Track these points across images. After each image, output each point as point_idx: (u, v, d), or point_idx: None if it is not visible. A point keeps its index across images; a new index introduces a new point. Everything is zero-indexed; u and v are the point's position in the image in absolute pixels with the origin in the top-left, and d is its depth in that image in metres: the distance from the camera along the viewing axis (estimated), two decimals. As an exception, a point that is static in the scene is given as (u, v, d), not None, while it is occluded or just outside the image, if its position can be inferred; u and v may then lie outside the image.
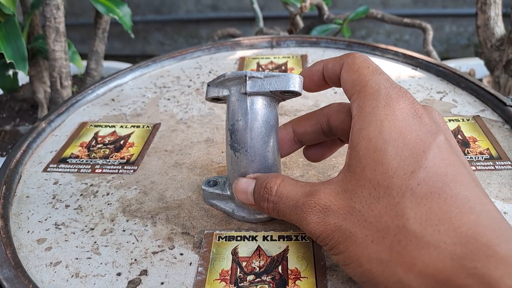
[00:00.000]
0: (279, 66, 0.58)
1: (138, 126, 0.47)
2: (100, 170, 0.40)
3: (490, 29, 0.86)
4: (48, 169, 0.41)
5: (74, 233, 0.33)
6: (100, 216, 0.35)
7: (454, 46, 1.74)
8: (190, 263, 0.30)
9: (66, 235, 0.33)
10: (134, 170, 0.40)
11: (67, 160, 0.42)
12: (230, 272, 0.29)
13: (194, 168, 0.40)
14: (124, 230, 0.33)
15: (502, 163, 0.38)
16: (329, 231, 0.25)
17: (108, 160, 0.42)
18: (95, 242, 0.32)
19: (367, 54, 0.60)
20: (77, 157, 0.42)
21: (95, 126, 0.47)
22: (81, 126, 0.48)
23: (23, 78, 1.12)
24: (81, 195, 0.37)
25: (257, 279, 0.28)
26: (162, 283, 0.29)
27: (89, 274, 0.30)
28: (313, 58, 0.60)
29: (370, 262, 0.23)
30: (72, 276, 0.30)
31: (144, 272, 0.30)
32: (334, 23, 1.04)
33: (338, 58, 0.29)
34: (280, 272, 0.29)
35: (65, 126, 0.48)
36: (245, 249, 0.31)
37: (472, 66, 1.24)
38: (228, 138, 0.31)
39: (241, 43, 0.64)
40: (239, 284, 0.28)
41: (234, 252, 0.31)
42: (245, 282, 0.28)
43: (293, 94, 0.30)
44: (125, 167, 0.40)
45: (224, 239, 0.32)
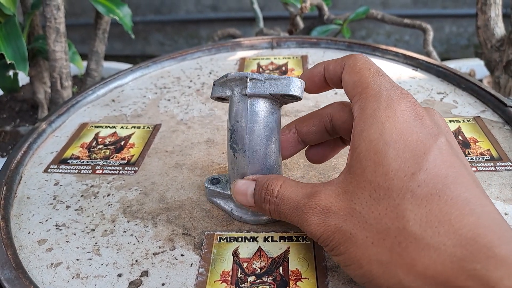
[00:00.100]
0: (280, 67, 0.58)
1: (139, 127, 0.47)
2: (101, 171, 0.40)
3: (490, 30, 0.86)
4: (49, 170, 0.41)
5: (75, 234, 0.33)
6: (101, 217, 0.35)
7: (454, 47, 1.74)
8: (191, 264, 0.30)
9: (67, 236, 0.33)
10: (135, 171, 0.40)
11: (68, 161, 0.42)
12: (231, 273, 0.29)
13: (195, 169, 0.40)
14: (125, 231, 0.33)
15: (503, 164, 0.38)
16: (330, 232, 0.25)
17: (109, 161, 0.42)
18: (96, 243, 0.32)
19: (368, 55, 0.60)
20: (78, 158, 0.42)
21: (96, 127, 0.47)
22: (82, 127, 0.48)
23: (24, 79, 1.12)
24: (82, 196, 0.37)
25: (258, 280, 0.28)
26: (163, 284, 0.29)
27: (90, 275, 0.30)
28: (314, 59, 0.60)
29: (371, 264, 0.23)
30: (73, 277, 0.30)
31: (145, 273, 0.30)
32: (334, 24, 1.04)
33: (340, 60, 0.29)
34: (281, 273, 0.29)
35: (66, 127, 0.48)
36: (246, 250, 0.31)
37: (472, 67, 1.24)
38: (228, 138, 0.31)
39: (242, 44, 0.64)
40: (240, 285, 0.28)
41: (235, 253, 0.31)
42: (246, 283, 0.28)
43: (294, 98, 0.29)
44: (126, 168, 0.40)
45: (225, 240, 0.32)
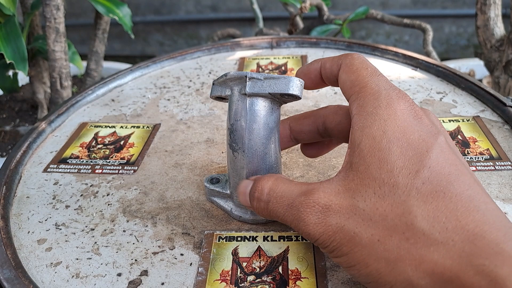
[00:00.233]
0: (279, 67, 0.58)
1: (138, 127, 0.47)
2: (100, 171, 0.40)
3: (490, 30, 0.86)
4: (48, 170, 0.41)
5: (75, 234, 0.33)
6: (101, 217, 0.35)
7: (454, 47, 1.74)
8: (191, 264, 0.30)
9: (67, 236, 0.33)
10: (134, 171, 0.40)
11: (67, 161, 0.42)
12: (231, 273, 0.29)
13: (194, 169, 0.40)
14: (125, 231, 0.33)
15: (502, 164, 0.38)
16: (331, 232, 0.24)
17: (108, 161, 0.42)
18: (96, 243, 0.32)
19: (367, 55, 0.60)
20: (77, 158, 0.42)
21: (95, 127, 0.47)
22: (81, 127, 0.48)
23: (23, 79, 1.12)
24: (81, 196, 0.37)
25: (258, 280, 0.28)
26: (163, 284, 0.29)
27: (90, 275, 0.30)
28: (313, 59, 0.59)
29: (378, 262, 0.23)
30: (73, 277, 0.30)
31: (145, 273, 0.30)
32: (334, 24, 1.04)
33: (336, 58, 0.29)
34: (281, 273, 0.29)
35: (65, 127, 0.48)
36: (246, 250, 0.31)
37: (472, 67, 1.24)
38: (228, 138, 0.31)
39: (241, 44, 0.64)
40: (240, 285, 0.28)
41: (235, 253, 0.31)
42: (246, 283, 0.28)
43: (293, 98, 0.29)
44: (125, 168, 0.40)
45: (225, 240, 0.32)
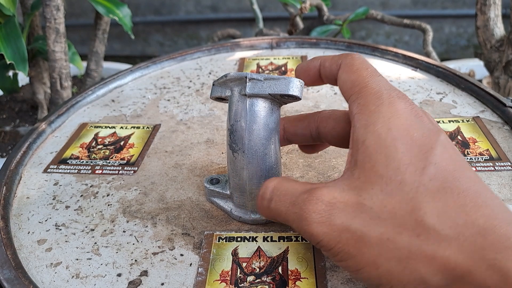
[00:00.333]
0: (279, 67, 0.58)
1: (138, 127, 0.47)
2: (100, 171, 0.40)
3: (490, 30, 0.86)
4: (48, 170, 0.41)
5: (75, 234, 0.33)
6: (100, 217, 0.35)
7: (454, 47, 1.74)
8: (191, 264, 0.30)
9: (67, 236, 0.33)
10: (134, 171, 0.40)
11: (67, 161, 0.42)
12: (230, 273, 0.29)
13: (194, 169, 0.40)
14: (124, 231, 0.33)
15: (502, 164, 0.38)
16: (336, 233, 0.23)
17: (108, 161, 0.42)
18: (96, 243, 0.32)
19: (367, 55, 0.60)
20: (77, 158, 0.42)
21: (95, 127, 0.47)
22: (81, 127, 0.48)
23: (23, 79, 1.12)
24: (81, 196, 0.37)
25: (257, 280, 0.28)
26: (163, 284, 0.29)
27: (90, 275, 0.30)
28: (313, 59, 0.60)
29: (389, 261, 0.22)
30: (73, 277, 0.30)
31: (145, 273, 0.30)
32: (334, 24, 1.05)
33: (336, 58, 0.29)
34: (280, 273, 0.29)
35: (65, 127, 0.48)
36: (245, 250, 0.31)
37: (472, 67, 1.24)
38: (228, 138, 0.31)
39: (241, 44, 0.64)
40: (239, 285, 0.28)
41: (234, 253, 0.31)
42: (245, 283, 0.28)
43: (293, 98, 0.29)
44: (125, 168, 0.41)
45: (224, 240, 0.32)
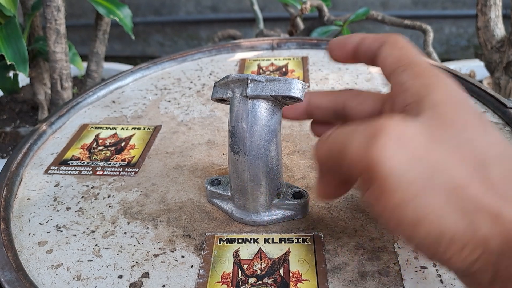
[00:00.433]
0: (280, 68, 0.58)
1: (139, 128, 0.47)
2: (101, 172, 0.40)
3: (490, 31, 0.86)
4: (49, 171, 0.41)
5: (75, 236, 0.33)
6: (101, 219, 0.35)
7: (454, 48, 1.74)
8: (192, 266, 0.30)
9: (67, 238, 0.33)
10: (135, 172, 0.40)
11: (68, 162, 0.42)
12: (232, 275, 0.29)
13: (195, 170, 0.40)
14: (125, 233, 0.33)
15: (503, 165, 0.38)
16: (405, 166, 0.21)
17: (109, 162, 0.42)
18: (96, 245, 0.32)
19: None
20: (78, 159, 0.42)
21: (96, 128, 0.47)
22: (82, 128, 0.48)
23: (24, 80, 1.12)
24: (82, 198, 0.37)
25: (259, 282, 0.28)
26: (164, 286, 0.29)
27: (91, 277, 0.30)
28: (314, 60, 0.60)
29: (454, 214, 0.21)
30: (74, 279, 0.30)
31: (146, 275, 0.30)
32: (335, 25, 1.05)
33: (379, 36, 0.29)
34: (282, 275, 0.29)
35: (66, 128, 0.48)
36: (247, 252, 0.31)
37: (472, 68, 1.24)
38: (229, 140, 0.31)
39: (242, 45, 0.64)
40: (241, 287, 0.28)
41: (236, 255, 0.31)
42: (247, 285, 0.28)
43: (294, 100, 0.29)
44: (126, 169, 0.40)
45: (226, 242, 0.32)
